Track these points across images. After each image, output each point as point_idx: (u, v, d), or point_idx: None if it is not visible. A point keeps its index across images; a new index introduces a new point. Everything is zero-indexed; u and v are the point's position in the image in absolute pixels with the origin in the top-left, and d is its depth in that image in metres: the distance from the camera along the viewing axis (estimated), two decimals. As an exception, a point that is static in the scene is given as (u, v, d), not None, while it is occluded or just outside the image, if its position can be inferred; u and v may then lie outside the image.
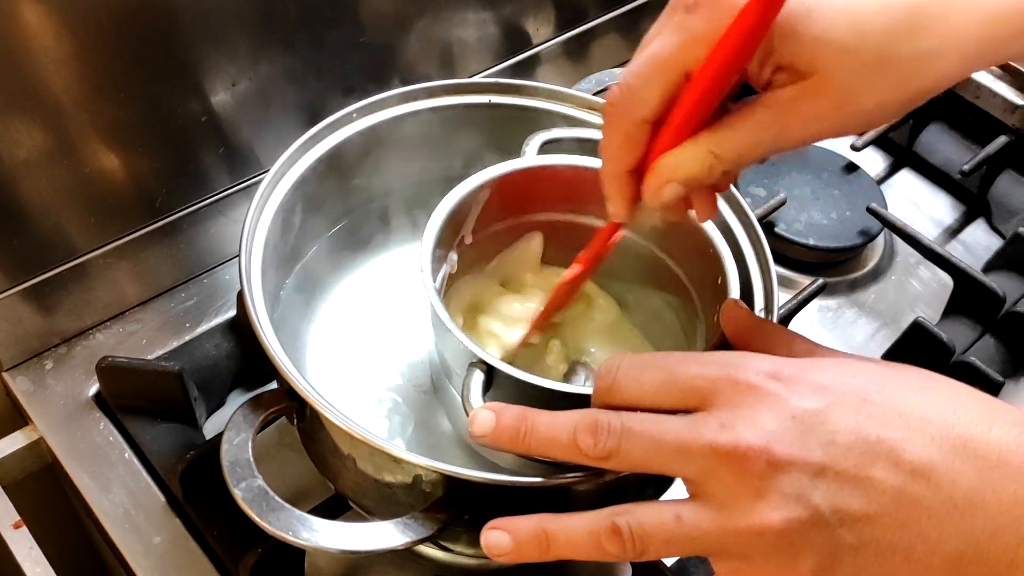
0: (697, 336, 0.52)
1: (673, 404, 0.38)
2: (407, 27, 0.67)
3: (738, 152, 0.39)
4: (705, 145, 0.39)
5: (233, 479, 0.42)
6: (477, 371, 0.44)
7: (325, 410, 0.43)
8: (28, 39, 0.50)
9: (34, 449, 0.58)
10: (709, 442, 0.35)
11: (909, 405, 0.34)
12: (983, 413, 0.34)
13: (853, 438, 0.34)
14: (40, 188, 0.55)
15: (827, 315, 0.71)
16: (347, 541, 0.41)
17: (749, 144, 0.38)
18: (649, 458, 0.36)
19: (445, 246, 0.50)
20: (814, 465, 0.34)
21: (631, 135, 0.41)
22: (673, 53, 0.38)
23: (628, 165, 0.42)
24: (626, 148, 0.41)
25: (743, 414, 0.35)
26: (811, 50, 0.36)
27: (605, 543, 0.36)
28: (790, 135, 0.38)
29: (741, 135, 0.38)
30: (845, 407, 0.34)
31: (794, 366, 0.36)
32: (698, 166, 0.39)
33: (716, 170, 0.39)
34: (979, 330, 0.67)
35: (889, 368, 0.37)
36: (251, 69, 0.60)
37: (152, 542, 0.54)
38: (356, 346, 0.58)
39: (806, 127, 0.38)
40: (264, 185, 0.52)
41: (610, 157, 0.42)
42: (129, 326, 0.63)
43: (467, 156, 0.60)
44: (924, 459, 0.33)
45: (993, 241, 0.77)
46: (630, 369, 0.39)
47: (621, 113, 0.40)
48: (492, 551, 0.38)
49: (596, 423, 0.37)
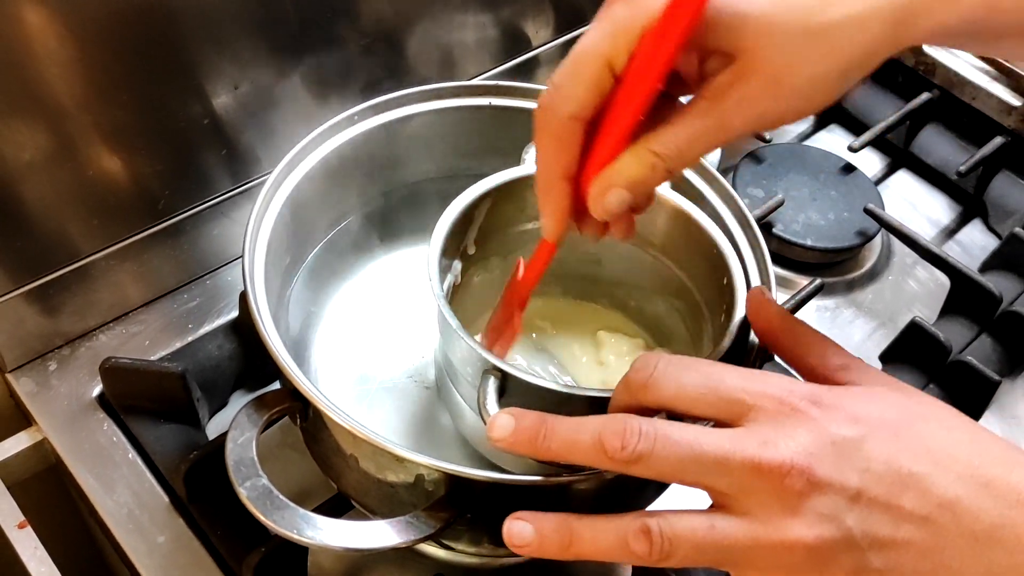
0: (704, 339, 0.53)
1: (709, 413, 0.38)
2: (407, 30, 0.67)
3: (679, 147, 0.38)
4: (644, 144, 0.38)
5: (238, 478, 0.42)
6: (492, 378, 0.44)
7: (328, 410, 0.44)
8: (31, 42, 0.51)
9: (38, 450, 0.58)
10: (751, 457, 0.35)
11: (938, 443, 0.35)
12: (1004, 456, 0.35)
13: (886, 468, 0.35)
14: (43, 190, 0.55)
15: (825, 315, 0.72)
16: (350, 539, 0.42)
17: (689, 138, 0.38)
18: (684, 467, 0.36)
19: (449, 256, 0.50)
20: (850, 490, 0.34)
21: (560, 136, 0.39)
22: (595, 44, 0.38)
23: (561, 170, 0.40)
24: (557, 150, 0.40)
25: (784, 432, 0.35)
26: (736, 29, 0.36)
27: (632, 543, 0.36)
28: (729, 124, 0.37)
29: (680, 129, 0.38)
30: (879, 440, 0.35)
31: (832, 395, 0.37)
32: (640, 167, 0.38)
33: (659, 169, 0.38)
34: (976, 330, 0.68)
35: (919, 403, 0.38)
36: (253, 72, 0.60)
37: (156, 542, 0.54)
38: (361, 346, 0.58)
39: (742, 112, 0.37)
40: (267, 187, 0.53)
41: (542, 162, 0.41)
42: (132, 327, 0.63)
43: (468, 158, 0.61)
44: (950, 494, 0.34)
45: (990, 241, 0.78)
46: (669, 367, 0.38)
47: (548, 113, 0.39)
48: (513, 540, 0.38)
49: (626, 426, 0.36)
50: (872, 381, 0.40)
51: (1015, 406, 0.66)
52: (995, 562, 0.34)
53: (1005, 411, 0.65)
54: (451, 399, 0.52)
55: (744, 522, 0.35)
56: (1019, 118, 0.79)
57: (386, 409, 0.55)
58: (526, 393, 0.44)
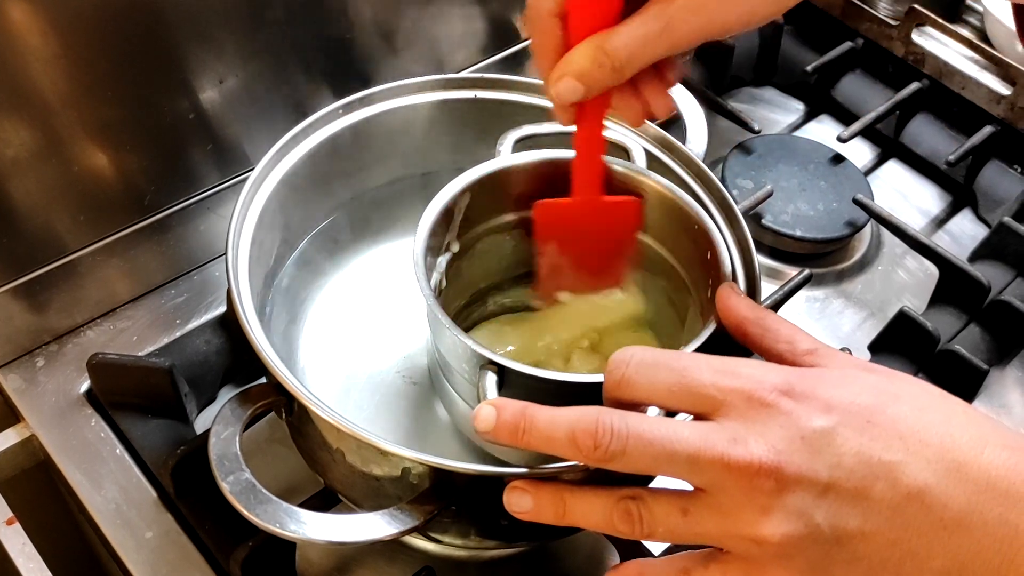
0: (689, 314, 0.53)
1: (683, 408, 0.38)
2: (393, 23, 0.67)
3: (626, 46, 0.41)
4: (596, 40, 0.42)
5: (221, 473, 0.42)
6: (489, 372, 0.44)
7: (312, 404, 0.44)
8: (15, 38, 0.50)
9: (26, 446, 0.58)
10: (720, 455, 0.35)
11: (910, 427, 0.36)
12: (976, 435, 0.36)
13: (856, 461, 0.35)
14: (29, 186, 0.55)
15: (814, 305, 0.72)
16: (334, 533, 0.42)
17: (636, 40, 0.41)
18: (658, 464, 0.37)
19: (433, 254, 0.51)
20: (820, 484, 0.35)
21: (545, 31, 0.43)
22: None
23: (551, 62, 0.44)
24: (544, 44, 0.44)
25: (755, 429, 0.36)
26: None
27: (617, 523, 0.38)
28: (675, 28, 0.40)
29: (628, 29, 0.41)
30: (851, 428, 0.36)
31: (805, 381, 0.37)
32: (588, 61, 0.42)
33: (605, 66, 0.42)
34: (964, 319, 0.68)
35: (892, 382, 0.38)
36: (238, 66, 0.60)
37: (144, 537, 0.54)
38: (348, 341, 0.58)
39: (687, 18, 0.40)
40: (250, 182, 0.52)
41: (538, 56, 0.45)
42: (120, 323, 0.63)
43: (454, 151, 0.61)
44: (920, 482, 0.34)
45: (979, 230, 0.78)
46: (640, 366, 0.39)
47: (533, 11, 0.44)
48: (512, 507, 0.40)
49: (598, 424, 0.37)
50: (842, 364, 0.40)
51: (1004, 395, 0.66)
52: (962, 547, 0.34)
53: (993, 400, 0.65)
54: (445, 392, 0.52)
55: (716, 514, 0.36)
56: (1008, 107, 0.79)
57: (373, 403, 0.55)
58: (523, 383, 0.44)
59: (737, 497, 0.35)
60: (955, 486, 0.34)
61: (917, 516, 0.34)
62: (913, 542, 0.34)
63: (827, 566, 0.35)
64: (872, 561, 0.35)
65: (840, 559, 0.35)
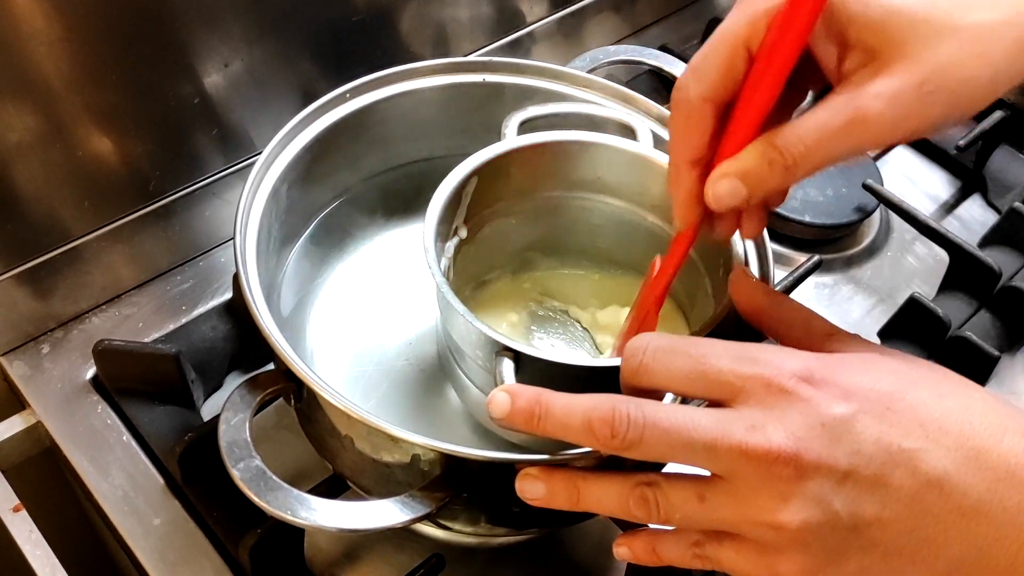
0: (699, 295, 0.53)
1: (701, 395, 0.38)
2: (400, 6, 0.67)
3: (803, 143, 0.36)
4: (767, 138, 0.37)
5: (231, 459, 0.42)
6: (505, 359, 0.43)
7: (321, 390, 0.43)
8: (19, 22, 0.50)
9: (32, 433, 0.58)
10: (739, 443, 0.35)
11: (929, 414, 0.35)
12: (996, 423, 0.35)
13: (876, 448, 0.35)
14: (33, 172, 0.55)
15: (823, 292, 0.71)
16: (345, 520, 0.41)
17: (816, 133, 0.36)
18: (674, 452, 0.36)
19: (443, 239, 0.50)
20: (839, 472, 0.35)
21: (691, 116, 0.39)
22: (732, 26, 0.37)
23: (689, 153, 0.40)
24: (686, 131, 0.40)
25: (774, 416, 0.35)
26: (880, 22, 0.35)
27: (633, 508, 0.38)
28: (867, 122, 0.35)
29: (808, 124, 0.36)
30: (871, 415, 0.35)
31: (824, 367, 0.37)
32: (756, 160, 0.37)
33: (777, 164, 0.37)
34: (975, 305, 0.67)
35: (911, 368, 0.38)
36: (244, 50, 0.60)
37: (152, 524, 0.54)
38: (356, 326, 0.58)
39: (883, 110, 0.35)
40: (257, 166, 0.52)
41: (672, 144, 0.41)
42: (125, 309, 0.63)
43: (462, 135, 0.60)
44: (939, 470, 0.34)
45: (989, 216, 0.77)
46: (657, 353, 0.38)
47: (681, 93, 0.39)
48: (524, 494, 0.40)
49: (614, 412, 0.36)
50: (860, 348, 0.40)
51: (1014, 381, 0.66)
52: (980, 535, 0.34)
53: (1004, 386, 0.65)
54: (456, 378, 0.52)
55: (733, 500, 0.36)
56: (1018, 92, 0.78)
57: (382, 389, 0.55)
58: (539, 368, 0.43)
59: (755, 484, 0.35)
60: (974, 474, 0.34)
61: (936, 504, 0.34)
62: (930, 529, 0.34)
63: (843, 552, 0.35)
64: (888, 548, 0.35)
65: (856, 545, 0.35)
